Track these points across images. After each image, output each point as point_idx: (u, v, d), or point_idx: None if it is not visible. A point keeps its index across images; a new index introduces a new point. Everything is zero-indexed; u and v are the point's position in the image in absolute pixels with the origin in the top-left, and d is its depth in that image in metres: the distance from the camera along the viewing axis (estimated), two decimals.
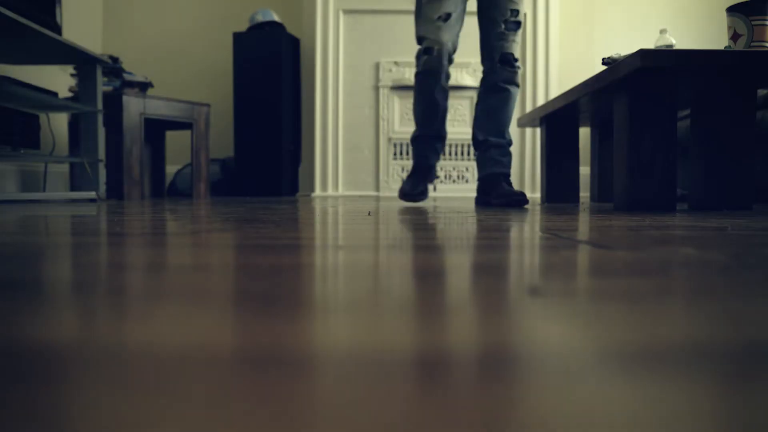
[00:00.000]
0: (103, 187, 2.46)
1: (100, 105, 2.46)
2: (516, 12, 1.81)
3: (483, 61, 1.86)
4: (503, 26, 1.81)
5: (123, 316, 0.27)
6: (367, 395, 0.17)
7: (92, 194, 2.35)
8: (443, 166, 3.50)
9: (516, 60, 1.83)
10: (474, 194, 3.46)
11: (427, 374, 0.19)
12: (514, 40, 1.83)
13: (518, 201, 1.69)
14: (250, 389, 0.17)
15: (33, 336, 0.24)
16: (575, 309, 0.29)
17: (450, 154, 3.49)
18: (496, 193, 1.77)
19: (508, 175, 1.83)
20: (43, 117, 2.58)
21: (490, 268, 0.43)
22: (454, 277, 0.38)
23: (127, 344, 0.22)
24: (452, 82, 3.50)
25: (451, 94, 3.49)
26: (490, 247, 0.58)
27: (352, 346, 0.22)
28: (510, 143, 1.86)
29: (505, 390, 0.17)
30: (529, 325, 0.26)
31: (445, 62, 1.81)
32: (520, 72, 1.85)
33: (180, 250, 0.56)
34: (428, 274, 0.40)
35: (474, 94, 3.49)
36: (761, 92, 1.97)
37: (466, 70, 3.50)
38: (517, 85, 1.86)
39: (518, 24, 1.83)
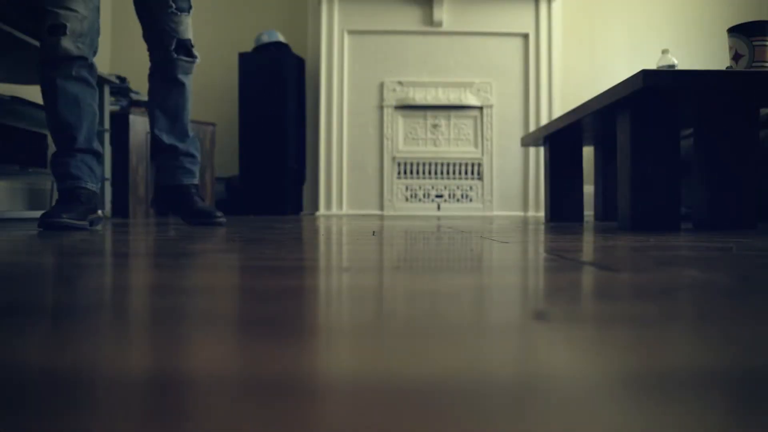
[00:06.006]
0: (108, 206, 2.47)
1: (107, 124, 2.48)
2: None
3: (152, 51, 1.64)
4: (173, 6, 1.58)
5: (126, 340, 0.27)
6: (373, 424, 0.17)
7: (98, 213, 2.36)
8: (447, 185, 3.51)
9: (193, 47, 1.63)
10: (478, 213, 3.46)
11: (431, 402, 0.19)
12: (188, 24, 1.62)
13: (218, 222, 1.60)
14: (255, 416, 0.17)
15: (37, 360, 0.24)
16: (581, 334, 0.29)
17: (453, 173, 3.50)
18: (190, 211, 1.64)
19: (198, 186, 1.69)
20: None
21: (495, 291, 0.43)
22: (460, 301, 0.38)
23: (131, 368, 0.23)
24: (455, 101, 3.53)
25: (454, 113, 3.51)
26: (495, 269, 0.58)
27: (357, 373, 0.22)
28: (197, 147, 1.69)
29: (509, 417, 0.17)
30: (534, 350, 0.26)
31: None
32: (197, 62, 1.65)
33: (184, 271, 0.56)
34: (433, 297, 0.40)
35: (478, 114, 3.51)
36: (764, 111, 1.98)
37: (470, 89, 3.52)
38: (190, 75, 1.65)
39: (189, 5, 1.61)
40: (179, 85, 1.63)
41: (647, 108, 1.36)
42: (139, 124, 2.74)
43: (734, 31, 1.46)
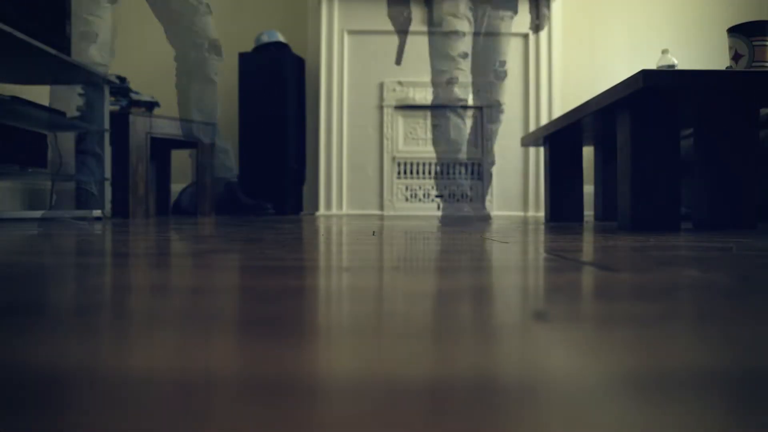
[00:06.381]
0: (108, 206, 2.47)
1: (107, 124, 2.48)
2: None
3: (183, 54, 1.71)
4: (200, 9, 1.71)
5: (126, 340, 0.27)
6: (373, 424, 0.17)
7: (98, 212, 2.36)
8: (447, 185, 3.50)
9: (220, 46, 1.74)
10: (479, 212, 3.46)
11: (431, 402, 0.19)
12: (212, 25, 1.72)
13: (268, 213, 1.72)
14: (255, 416, 0.17)
15: (37, 360, 0.24)
16: (581, 334, 0.29)
17: (453, 173, 3.50)
18: (237, 207, 1.76)
19: (238, 182, 1.78)
20: (50, 136, 2.61)
21: (495, 291, 0.43)
22: (460, 301, 0.38)
23: (131, 368, 0.23)
24: (455, 101, 3.53)
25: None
26: (495, 269, 0.58)
27: (357, 372, 0.22)
28: (226, 143, 1.77)
29: (509, 417, 0.17)
30: (534, 350, 0.26)
31: None
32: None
33: (184, 271, 0.56)
34: (433, 297, 0.40)
35: (478, 114, 3.51)
36: (764, 111, 1.98)
37: (471, 88, 3.52)
38: (217, 75, 1.76)
39: (210, 8, 1.72)
40: (212, 84, 1.71)
41: (647, 108, 1.36)
42: (139, 124, 2.73)
43: (734, 31, 1.46)
